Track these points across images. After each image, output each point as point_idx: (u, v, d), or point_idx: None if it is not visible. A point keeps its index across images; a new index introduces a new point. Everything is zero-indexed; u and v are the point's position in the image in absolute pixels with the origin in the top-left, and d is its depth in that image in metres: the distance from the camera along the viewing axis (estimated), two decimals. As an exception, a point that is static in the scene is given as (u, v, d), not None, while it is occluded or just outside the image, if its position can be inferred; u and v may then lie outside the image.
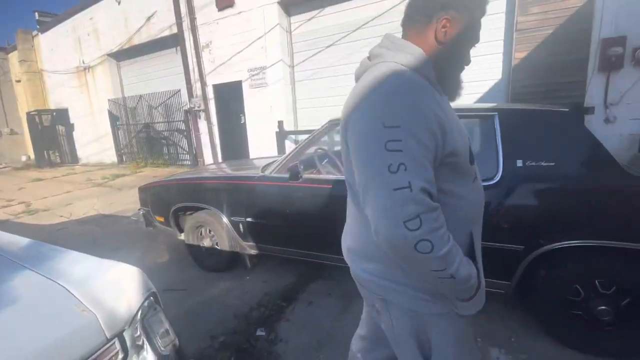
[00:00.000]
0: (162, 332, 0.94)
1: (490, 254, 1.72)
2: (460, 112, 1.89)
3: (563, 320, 1.69)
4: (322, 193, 2.17)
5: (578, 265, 1.61)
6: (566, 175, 1.59)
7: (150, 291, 0.97)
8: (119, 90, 9.77)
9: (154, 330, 0.92)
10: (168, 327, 0.96)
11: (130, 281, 0.94)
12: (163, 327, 0.95)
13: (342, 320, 2.06)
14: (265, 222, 2.39)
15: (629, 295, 1.57)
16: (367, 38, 5.60)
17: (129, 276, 0.95)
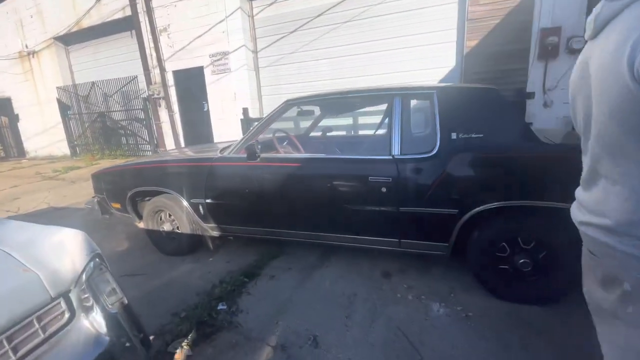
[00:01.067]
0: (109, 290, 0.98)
1: (430, 219, 1.92)
2: (405, 91, 2.05)
3: (493, 274, 1.92)
4: (280, 172, 2.25)
5: (504, 225, 1.83)
6: (492, 145, 1.79)
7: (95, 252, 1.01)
8: (69, 77, 9.09)
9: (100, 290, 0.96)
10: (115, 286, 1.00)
11: (74, 243, 0.97)
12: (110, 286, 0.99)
13: (302, 289, 2.18)
14: (225, 203, 2.43)
15: (545, 249, 1.82)
16: (331, 24, 5.66)
17: (72, 239, 0.98)
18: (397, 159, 1.95)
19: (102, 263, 1.02)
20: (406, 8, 5.23)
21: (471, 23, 4.94)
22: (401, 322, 1.81)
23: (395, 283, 2.19)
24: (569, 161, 1.72)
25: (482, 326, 1.74)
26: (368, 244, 2.17)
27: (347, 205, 2.09)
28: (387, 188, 1.94)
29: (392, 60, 5.44)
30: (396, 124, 1.99)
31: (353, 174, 2.06)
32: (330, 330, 1.78)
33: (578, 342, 1.59)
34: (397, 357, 1.57)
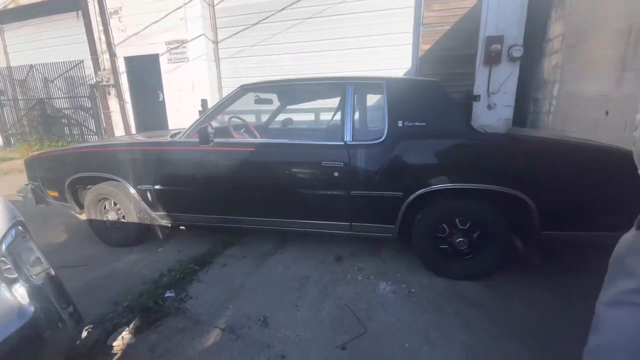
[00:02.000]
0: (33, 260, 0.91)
1: (378, 202, 2.02)
2: (357, 81, 2.13)
3: (434, 254, 2.07)
4: (234, 157, 2.22)
5: (443, 207, 1.98)
6: (433, 133, 1.93)
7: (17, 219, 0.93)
8: (3, 59, 8.15)
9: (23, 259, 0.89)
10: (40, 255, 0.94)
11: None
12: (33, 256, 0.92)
13: (255, 275, 2.18)
14: (175, 190, 2.35)
15: (479, 229, 2.00)
16: (293, 20, 5.67)
17: (-12, 205, 0.90)
18: (348, 145, 2.02)
19: (25, 231, 0.94)
20: (366, 9, 5.40)
21: (425, 27, 5.23)
22: (350, 301, 1.88)
23: (347, 266, 2.27)
24: (499, 148, 1.93)
25: (424, 301, 1.87)
26: (321, 229, 2.23)
27: (301, 190, 2.12)
28: (339, 172, 2.01)
29: (353, 59, 5.59)
30: (348, 112, 2.06)
31: (307, 159, 2.10)
32: (280, 311, 1.80)
33: (505, 311, 1.77)
34: (344, 332, 1.63)
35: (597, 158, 1.81)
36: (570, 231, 1.86)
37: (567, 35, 4.12)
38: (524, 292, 1.94)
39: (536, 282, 2.02)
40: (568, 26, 4.09)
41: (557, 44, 4.38)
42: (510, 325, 1.66)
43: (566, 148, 1.88)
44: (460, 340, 1.56)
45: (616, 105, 3.01)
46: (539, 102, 4.84)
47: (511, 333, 1.61)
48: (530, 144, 1.92)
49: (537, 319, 1.70)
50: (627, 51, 2.86)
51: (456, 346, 1.53)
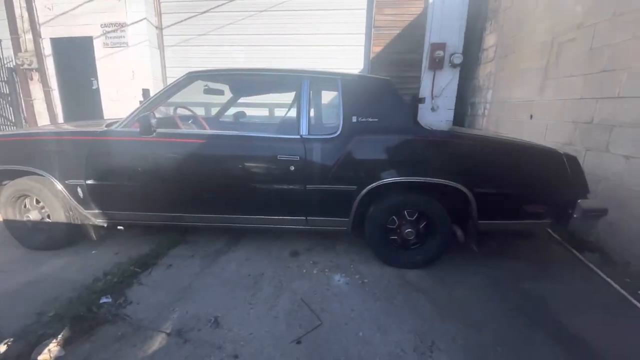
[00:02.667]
0: None
1: (334, 196, 2.04)
2: (313, 74, 2.13)
3: (385, 245, 2.16)
4: (181, 149, 2.07)
5: (393, 200, 2.07)
6: (385, 129, 2.01)
7: None
8: None
9: None
10: None
11: None
12: None
13: (205, 275, 2.06)
14: (111, 185, 2.12)
15: (425, 220, 2.13)
16: (247, 11, 5.49)
17: None
18: (304, 139, 2.01)
19: None
20: (321, 7, 5.43)
21: (377, 30, 5.43)
22: (305, 295, 1.88)
23: (302, 260, 2.26)
24: (444, 144, 2.07)
25: (376, 290, 1.93)
26: (277, 224, 2.19)
27: (255, 184, 2.06)
28: (295, 166, 1.99)
29: (307, 56, 5.58)
30: (304, 105, 2.05)
31: (262, 153, 2.05)
32: (232, 310, 1.73)
33: (447, 294, 1.91)
34: (299, 326, 1.62)
35: (528, 156, 2.04)
36: (503, 220, 2.07)
37: (499, 46, 4.58)
38: (462, 276, 2.11)
39: (473, 267, 2.22)
40: (500, 38, 4.55)
41: (491, 54, 4.85)
42: (452, 308, 1.79)
43: (502, 146, 2.08)
44: (409, 324, 1.65)
45: (539, 110, 3.43)
46: (475, 106, 5.31)
47: (452, 314, 1.74)
48: (471, 141, 2.09)
49: (473, 301, 1.86)
50: (549, 62, 3.27)
51: (405, 330, 1.61)
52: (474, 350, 1.49)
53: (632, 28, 2.20)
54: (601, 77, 2.48)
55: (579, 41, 2.77)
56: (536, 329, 1.65)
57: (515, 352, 1.49)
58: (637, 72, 2.17)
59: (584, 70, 2.69)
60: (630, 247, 2.19)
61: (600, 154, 2.48)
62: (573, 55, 2.86)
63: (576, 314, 1.76)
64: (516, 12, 4.13)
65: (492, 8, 4.91)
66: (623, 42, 2.28)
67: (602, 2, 2.50)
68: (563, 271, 2.21)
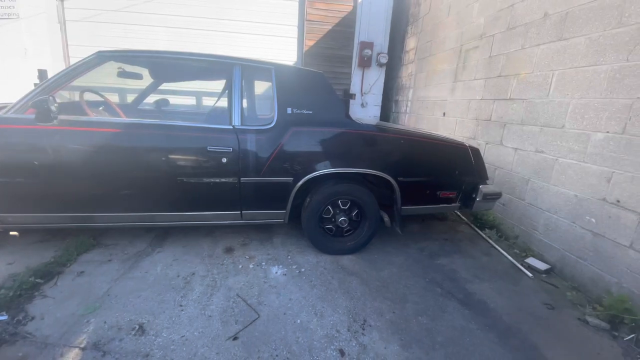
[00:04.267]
0: None
1: (270, 188, 2.02)
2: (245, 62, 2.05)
3: (320, 234, 2.23)
4: (90, 139, 1.81)
5: (328, 190, 2.15)
6: (319, 121, 2.06)
7: None
8: None
9: None
10: None
11: None
12: None
13: (125, 279, 1.86)
14: (1, 181, 1.75)
15: (356, 208, 2.25)
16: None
17: None
18: (237, 129, 1.94)
19: None
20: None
21: (309, 24, 5.47)
22: (241, 290, 1.83)
23: (237, 256, 2.20)
24: (374, 137, 2.20)
25: (312, 277, 1.99)
26: (209, 220, 2.08)
27: (183, 178, 1.91)
28: (227, 159, 1.90)
29: (239, 44, 5.36)
30: (236, 94, 1.97)
31: (190, 144, 1.90)
32: (160, 315, 1.60)
33: (376, 275, 2.07)
34: (236, 322, 1.58)
35: (441, 149, 2.30)
36: (422, 205, 2.31)
37: (418, 49, 5.03)
38: (388, 257, 2.31)
39: (397, 249, 2.44)
40: (419, 42, 5.00)
41: (412, 56, 5.30)
42: (380, 287, 1.95)
43: (421, 140, 2.30)
44: (343, 307, 1.74)
45: (450, 108, 3.89)
46: (398, 103, 5.77)
47: (381, 293, 1.89)
48: (396, 135, 2.26)
49: (398, 279, 2.06)
50: (458, 66, 3.72)
51: (340, 312, 1.70)
52: (399, 323, 1.65)
53: (521, 40, 2.64)
54: (498, 81, 2.93)
55: (481, 49, 3.21)
56: (449, 297, 1.90)
57: (433, 319, 1.70)
58: (523, 78, 2.61)
59: (485, 75, 3.13)
60: (518, 224, 2.65)
61: (496, 147, 2.94)
62: (476, 61, 3.30)
63: (479, 282, 2.08)
64: (432, 19, 4.58)
65: (412, 13, 5.36)
66: (514, 52, 2.72)
67: (500, 15, 2.93)
68: (469, 247, 2.57)
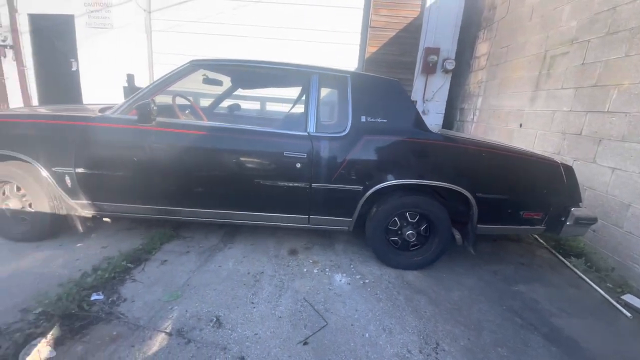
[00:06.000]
0: None
1: (339, 195, 2.02)
2: (322, 71, 2.09)
3: (385, 245, 2.16)
4: (182, 140, 1.98)
5: (397, 201, 2.08)
6: (394, 130, 2.01)
7: None
8: None
9: None
10: None
11: None
12: None
13: (202, 272, 1.99)
14: (103, 174, 2.00)
15: (425, 222, 2.15)
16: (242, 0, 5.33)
17: None
18: (312, 136, 1.98)
19: None
20: (319, 2, 5.37)
21: (373, 30, 5.44)
22: (307, 294, 1.85)
23: (302, 259, 2.23)
24: (453, 149, 2.08)
25: (377, 290, 1.94)
26: (278, 222, 2.14)
27: (259, 180, 2.00)
28: (301, 164, 1.95)
29: (301, 51, 5.51)
30: (312, 102, 2.01)
31: (268, 148, 1.99)
32: (234, 310, 1.68)
33: (446, 296, 1.95)
34: (305, 326, 1.60)
35: (529, 164, 2.10)
36: (501, 225, 2.13)
37: (491, 55, 4.71)
38: (458, 277, 2.16)
39: (466, 269, 2.28)
40: (493, 47, 4.68)
41: (482, 62, 4.98)
42: (451, 309, 1.83)
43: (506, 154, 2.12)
44: (412, 325, 1.66)
45: (529, 119, 3.56)
46: (464, 112, 5.46)
47: (453, 316, 1.77)
48: (477, 147, 2.10)
49: (471, 302, 1.91)
50: (541, 73, 3.40)
51: (409, 331, 1.62)
52: (476, 352, 1.53)
53: (625, 47, 2.32)
54: (592, 92, 2.61)
55: (572, 55, 2.89)
56: (531, 330, 1.71)
57: (514, 352, 1.54)
58: (626, 89, 2.29)
59: (575, 84, 2.81)
60: (613, 254, 2.32)
61: (587, 165, 2.61)
62: (565, 69, 2.98)
63: (567, 317, 1.84)
64: (510, 22, 4.26)
65: (486, 17, 5.04)
66: (615, 59, 2.40)
67: (598, 19, 2.61)
68: (551, 275, 2.31)
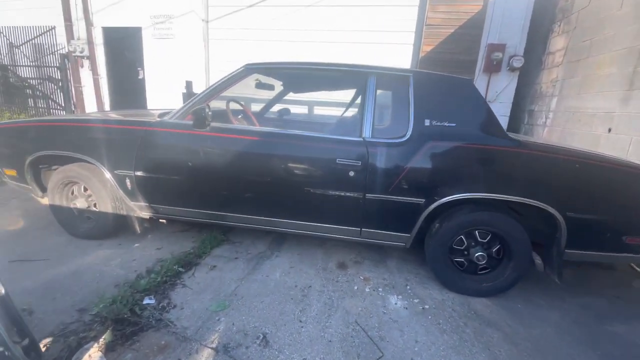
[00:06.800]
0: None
1: (396, 208, 1.82)
2: (380, 71, 1.91)
3: (448, 266, 1.90)
4: (234, 145, 1.94)
5: (465, 217, 1.81)
6: (464, 136, 1.76)
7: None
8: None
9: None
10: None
11: None
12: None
13: (249, 281, 1.92)
14: (160, 177, 2.03)
15: (499, 243, 1.86)
16: (292, 6, 5.36)
17: None
18: (367, 142, 1.80)
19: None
20: (370, 2, 5.19)
21: (428, 28, 5.11)
22: (359, 316, 1.68)
23: (351, 275, 2.06)
24: (537, 159, 1.77)
25: (440, 319, 1.70)
26: (327, 232, 2.00)
27: (308, 188, 1.88)
28: (355, 172, 1.79)
29: (351, 53, 5.36)
30: (369, 105, 1.84)
31: (319, 154, 1.86)
32: (282, 327, 1.56)
33: (524, 332, 1.64)
34: (358, 355, 1.42)
35: (636, 179, 1.70)
36: (597, 252, 1.76)
37: (570, 49, 4.12)
38: (537, 310, 1.83)
39: (547, 300, 1.92)
40: (572, 41, 4.09)
41: (558, 58, 4.39)
42: (533, 350, 1.52)
43: (606, 165, 1.74)
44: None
45: (621, 123, 3.01)
46: (534, 114, 4.86)
47: (535, 358, 1.47)
48: (569, 157, 1.75)
49: (556, 342, 1.58)
50: (636, 70, 2.85)
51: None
52: (573, 413, 1.22)
53: None
54: None
55: (689, 45, 2.35)
56: (646, 391, 1.35)
57: (626, 421, 1.21)
58: None
59: (694, 80, 2.27)
60: None
61: None
62: (677, 62, 2.44)
63: (696, 377, 1.43)
64: (593, 13, 3.68)
65: (562, 8, 4.45)
66: None
67: None
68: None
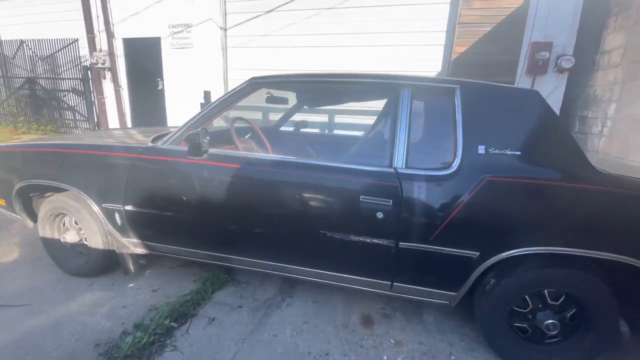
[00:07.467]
0: None
1: (441, 261, 1.40)
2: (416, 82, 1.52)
3: (507, 332, 1.46)
4: (234, 175, 1.60)
5: (532, 274, 1.37)
6: (533, 168, 1.31)
7: None
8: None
9: None
10: None
11: None
12: None
13: (254, 344, 1.56)
14: (152, 213, 1.72)
15: (575, 306, 1.40)
16: (311, 9, 5.05)
17: None
18: (400, 174, 1.40)
19: None
20: (395, 2, 4.78)
21: (462, 27, 4.61)
22: (391, 407, 1.28)
23: (379, 336, 1.66)
24: (634, 201, 1.29)
25: (501, 415, 1.26)
26: (349, 284, 1.62)
27: (324, 231, 1.50)
28: (384, 214, 1.39)
29: (375, 57, 4.97)
30: (402, 126, 1.44)
31: (338, 189, 1.48)
32: (289, 421, 1.19)
33: None
34: None
35: None
36: None
37: (629, 47, 3.50)
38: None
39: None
40: (632, 39, 3.47)
41: (616, 58, 3.76)
42: None
43: None
44: None
45: None
46: (587, 121, 4.22)
47: None
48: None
49: None
50: None
51: None
52: None
53: None
54: None
55: None
56: None
57: None
58: None
59: None
60: None
61: None
62: None
63: None
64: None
65: (618, 0, 3.82)
66: None
67: None
68: None
